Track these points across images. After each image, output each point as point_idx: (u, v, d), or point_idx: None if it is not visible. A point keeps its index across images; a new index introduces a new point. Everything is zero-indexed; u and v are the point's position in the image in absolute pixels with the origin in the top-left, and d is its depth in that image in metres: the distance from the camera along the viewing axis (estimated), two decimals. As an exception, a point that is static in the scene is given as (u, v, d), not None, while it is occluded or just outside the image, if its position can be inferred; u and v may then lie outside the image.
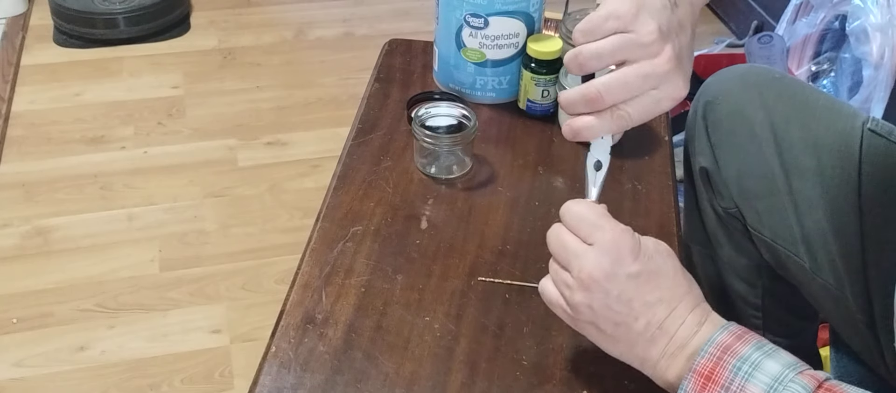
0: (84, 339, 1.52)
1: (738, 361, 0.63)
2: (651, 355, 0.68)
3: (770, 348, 0.64)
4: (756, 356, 0.63)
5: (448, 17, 1.08)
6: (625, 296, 0.67)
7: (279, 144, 2.01)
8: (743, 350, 0.63)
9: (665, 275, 0.68)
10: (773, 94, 0.96)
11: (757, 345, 0.64)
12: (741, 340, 0.64)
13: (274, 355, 0.77)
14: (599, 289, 0.67)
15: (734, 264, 1.08)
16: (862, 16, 1.77)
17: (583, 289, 0.68)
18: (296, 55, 2.37)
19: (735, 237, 1.05)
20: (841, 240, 0.90)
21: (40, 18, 2.45)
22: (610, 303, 0.67)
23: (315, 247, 0.89)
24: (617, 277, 0.67)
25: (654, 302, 0.67)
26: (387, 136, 1.06)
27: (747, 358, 0.63)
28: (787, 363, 0.62)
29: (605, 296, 0.67)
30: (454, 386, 0.76)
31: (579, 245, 0.69)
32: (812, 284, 0.95)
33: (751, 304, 1.11)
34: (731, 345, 0.64)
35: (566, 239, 0.70)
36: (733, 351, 0.64)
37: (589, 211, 0.70)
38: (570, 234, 0.70)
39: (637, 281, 0.67)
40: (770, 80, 0.99)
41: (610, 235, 0.68)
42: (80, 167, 1.91)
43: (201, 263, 1.68)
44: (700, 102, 1.05)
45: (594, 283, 0.67)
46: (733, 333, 0.65)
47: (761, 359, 0.63)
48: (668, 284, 0.68)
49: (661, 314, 0.67)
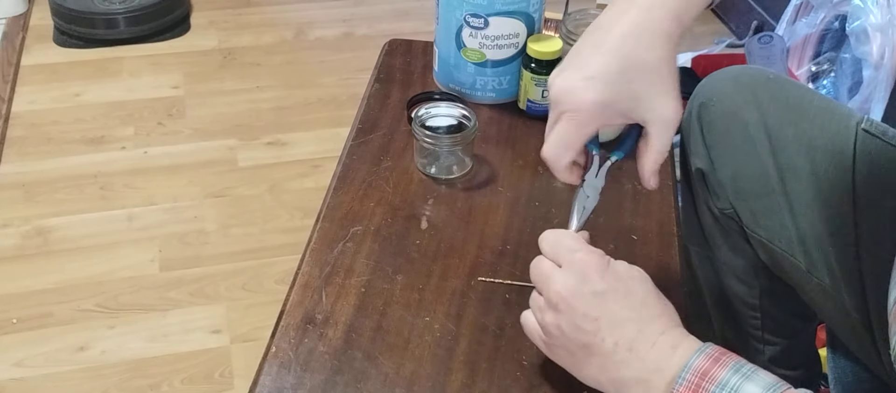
0: (84, 339, 1.52)
1: (717, 387, 0.62)
2: (624, 378, 0.67)
3: (749, 370, 0.63)
4: (735, 381, 0.62)
5: (448, 17, 1.08)
6: (591, 313, 0.67)
7: (279, 145, 2.01)
8: (721, 375, 0.63)
9: (634, 296, 0.68)
10: (766, 95, 0.96)
11: (735, 367, 0.63)
12: (719, 364, 0.63)
13: (274, 355, 0.78)
14: (567, 307, 0.68)
15: (731, 265, 1.08)
16: (862, 16, 1.77)
17: (551, 309, 0.69)
18: (296, 55, 2.37)
19: (731, 238, 1.05)
20: (836, 240, 0.90)
21: (40, 18, 2.45)
22: (577, 321, 0.67)
23: (315, 247, 0.89)
24: (582, 294, 0.67)
25: (622, 321, 0.67)
26: (387, 137, 1.06)
27: (726, 383, 0.62)
28: (766, 385, 0.62)
29: (571, 314, 0.68)
30: (454, 386, 0.76)
31: (552, 268, 0.70)
32: (808, 284, 0.95)
33: (749, 305, 1.11)
34: (708, 370, 0.63)
35: (542, 265, 0.71)
36: (711, 377, 0.63)
37: (563, 237, 0.71)
38: (545, 260, 0.71)
39: (603, 299, 0.67)
40: (764, 81, 0.99)
41: (578, 256, 0.69)
42: (80, 167, 1.91)
43: (201, 263, 1.68)
44: (694, 104, 1.05)
45: (561, 300, 0.68)
46: (710, 356, 0.64)
47: (740, 383, 0.62)
48: (636, 305, 0.67)
49: (630, 334, 0.66)
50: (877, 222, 0.86)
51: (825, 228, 0.91)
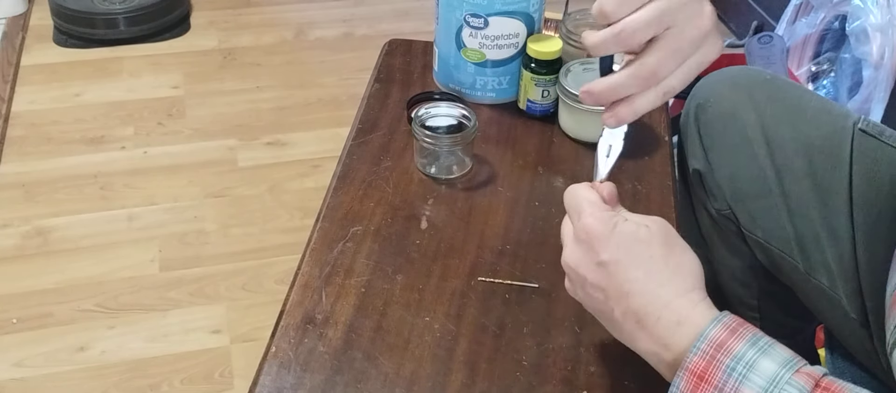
0: (84, 339, 1.52)
1: (732, 361, 0.59)
2: (639, 346, 0.66)
3: (766, 343, 0.60)
4: (751, 355, 0.59)
5: (448, 17, 1.08)
6: (599, 284, 0.66)
7: (279, 145, 2.01)
8: (737, 347, 0.60)
9: (637, 265, 0.65)
10: (764, 95, 0.96)
11: (752, 340, 0.60)
12: (736, 336, 0.61)
13: (274, 355, 0.78)
14: (576, 276, 0.68)
15: (729, 266, 1.09)
16: (862, 16, 1.77)
17: (567, 277, 0.70)
18: (296, 55, 2.37)
19: (729, 239, 1.05)
20: (833, 240, 0.90)
21: (40, 18, 2.45)
22: (588, 290, 0.68)
23: (315, 247, 0.89)
24: (588, 265, 0.67)
25: (626, 293, 0.65)
26: (387, 137, 1.06)
27: (741, 357, 0.59)
28: (783, 361, 0.59)
29: (583, 283, 0.68)
30: (454, 386, 0.76)
31: (566, 231, 0.70)
32: (806, 284, 0.95)
33: (747, 305, 1.11)
34: (724, 342, 0.60)
35: (564, 227, 0.71)
36: (727, 349, 0.60)
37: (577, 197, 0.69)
38: (567, 219, 0.71)
39: (607, 270, 0.65)
40: (761, 82, 0.99)
41: (583, 222, 0.67)
42: (80, 167, 1.91)
43: (201, 263, 1.68)
44: (692, 105, 1.05)
45: (571, 270, 0.69)
46: (727, 326, 0.61)
47: (756, 357, 0.59)
48: (638, 276, 0.65)
49: (634, 305, 0.65)
50: (874, 222, 0.86)
51: (823, 228, 0.91)
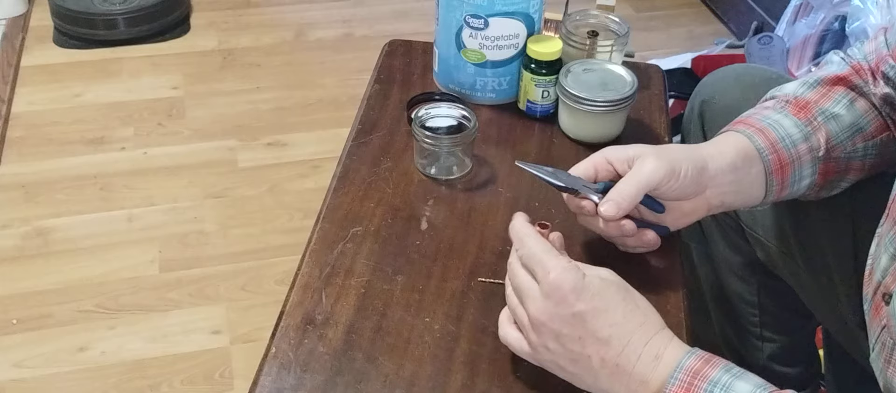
0: (84, 339, 1.52)
1: (709, 385, 0.63)
2: (617, 390, 0.68)
3: (738, 371, 0.64)
4: (726, 379, 0.63)
5: (448, 18, 1.08)
6: (574, 334, 0.67)
7: (279, 145, 2.01)
8: (712, 374, 0.64)
9: (614, 309, 0.68)
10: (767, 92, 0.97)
11: (726, 367, 0.64)
12: (709, 364, 0.65)
13: (274, 356, 0.78)
14: (548, 331, 0.68)
15: (729, 262, 1.09)
16: (862, 16, 1.77)
17: (535, 330, 0.69)
18: (296, 56, 2.37)
19: (729, 235, 1.05)
20: (833, 240, 0.90)
21: (40, 19, 2.45)
22: (563, 342, 0.68)
23: (315, 248, 0.89)
24: (562, 317, 0.68)
25: (605, 338, 0.67)
26: (387, 137, 1.06)
27: (718, 381, 0.63)
28: (757, 384, 0.63)
29: (556, 337, 0.68)
30: (454, 387, 0.76)
31: (530, 284, 0.70)
32: (805, 283, 0.95)
33: (748, 301, 1.11)
34: (700, 370, 0.64)
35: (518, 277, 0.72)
36: (703, 375, 0.64)
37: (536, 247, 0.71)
38: (522, 273, 0.71)
39: (584, 319, 0.67)
40: (765, 80, 0.99)
41: (552, 276, 0.68)
42: (80, 168, 1.91)
43: (201, 263, 1.68)
44: (696, 101, 1.05)
45: (542, 325, 0.69)
46: (701, 357, 0.65)
47: (731, 381, 0.63)
48: (617, 320, 0.67)
49: (615, 350, 0.67)
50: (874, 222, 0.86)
51: (823, 227, 0.91)
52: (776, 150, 0.81)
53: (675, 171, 0.78)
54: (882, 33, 0.84)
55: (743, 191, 0.82)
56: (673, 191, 0.79)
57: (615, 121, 1.04)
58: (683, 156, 0.79)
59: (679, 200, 0.81)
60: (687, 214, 0.83)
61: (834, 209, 0.90)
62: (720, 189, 0.81)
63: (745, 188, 0.82)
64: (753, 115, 0.85)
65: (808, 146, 0.82)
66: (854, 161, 0.85)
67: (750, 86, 1.00)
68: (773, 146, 0.81)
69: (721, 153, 0.81)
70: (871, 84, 0.84)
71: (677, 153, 0.80)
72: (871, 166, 0.86)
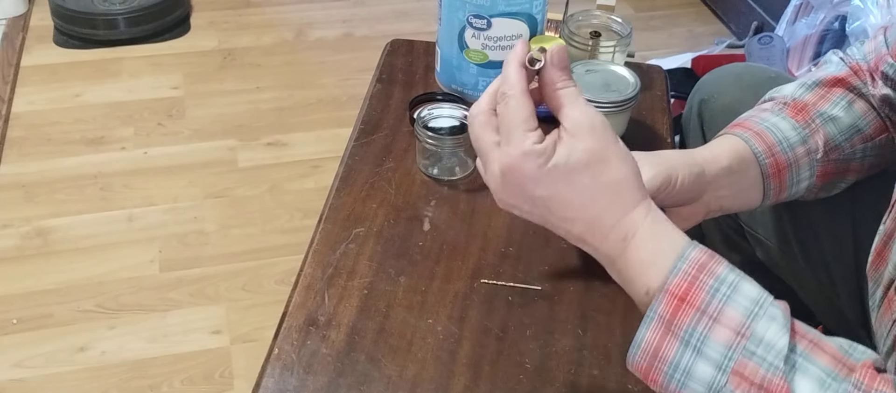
0: (84, 339, 1.51)
1: (716, 282, 0.58)
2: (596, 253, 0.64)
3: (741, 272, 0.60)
4: (733, 277, 0.59)
5: (451, 18, 1.08)
6: (536, 212, 0.64)
7: (279, 145, 2.01)
8: (719, 270, 0.59)
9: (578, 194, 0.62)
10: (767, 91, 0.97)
11: (729, 266, 0.60)
12: (715, 260, 0.60)
13: (277, 357, 0.77)
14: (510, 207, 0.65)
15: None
16: (862, 16, 1.77)
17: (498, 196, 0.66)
18: (296, 56, 2.37)
19: (728, 234, 1.05)
20: (833, 239, 0.90)
21: (40, 19, 2.44)
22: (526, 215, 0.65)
23: (317, 248, 0.89)
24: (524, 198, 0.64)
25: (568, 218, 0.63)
26: (389, 137, 1.06)
27: (725, 279, 0.59)
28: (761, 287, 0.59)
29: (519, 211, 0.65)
30: (457, 389, 0.75)
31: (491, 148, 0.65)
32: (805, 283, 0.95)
33: None
34: (706, 263, 0.60)
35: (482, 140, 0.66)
36: (710, 270, 0.59)
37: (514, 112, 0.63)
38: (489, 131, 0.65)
39: (545, 202, 0.63)
40: (765, 79, 1.00)
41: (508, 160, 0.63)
42: (80, 168, 1.91)
43: (201, 263, 1.67)
44: (695, 100, 1.05)
45: (506, 205, 0.66)
46: (705, 251, 0.61)
47: (739, 281, 0.59)
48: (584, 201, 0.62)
49: (579, 229, 0.63)
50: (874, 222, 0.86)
51: (823, 226, 0.91)
52: (773, 154, 0.81)
53: (671, 178, 0.77)
54: (882, 33, 0.84)
55: (741, 195, 0.82)
56: (670, 198, 0.79)
57: (618, 122, 1.04)
58: (680, 162, 0.79)
59: (677, 206, 0.81)
60: (685, 218, 0.83)
61: (834, 208, 0.90)
62: (718, 194, 0.81)
63: (742, 192, 0.82)
64: (751, 118, 0.85)
65: (806, 149, 0.82)
66: (853, 162, 0.85)
67: (749, 85, 1.00)
68: (771, 150, 0.81)
69: (718, 158, 0.81)
70: (870, 85, 0.84)
71: (673, 160, 0.79)
72: (870, 167, 0.86)
